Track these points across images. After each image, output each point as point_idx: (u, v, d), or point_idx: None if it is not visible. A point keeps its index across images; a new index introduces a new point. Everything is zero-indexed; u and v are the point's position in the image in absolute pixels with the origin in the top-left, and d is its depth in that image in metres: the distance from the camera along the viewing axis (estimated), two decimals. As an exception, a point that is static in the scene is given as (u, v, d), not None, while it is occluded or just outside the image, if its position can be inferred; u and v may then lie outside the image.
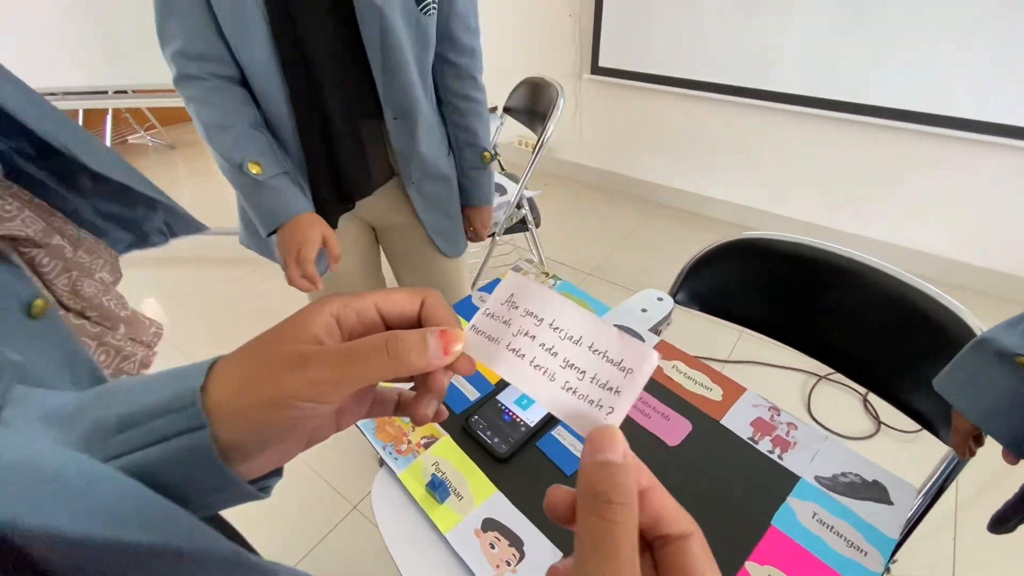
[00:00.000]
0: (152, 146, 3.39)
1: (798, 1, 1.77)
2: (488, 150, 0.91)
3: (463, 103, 0.85)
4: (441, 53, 0.81)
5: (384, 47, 0.71)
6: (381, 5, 0.67)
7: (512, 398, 0.64)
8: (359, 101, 0.76)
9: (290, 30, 0.67)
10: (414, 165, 0.83)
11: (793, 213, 2.19)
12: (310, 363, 0.19)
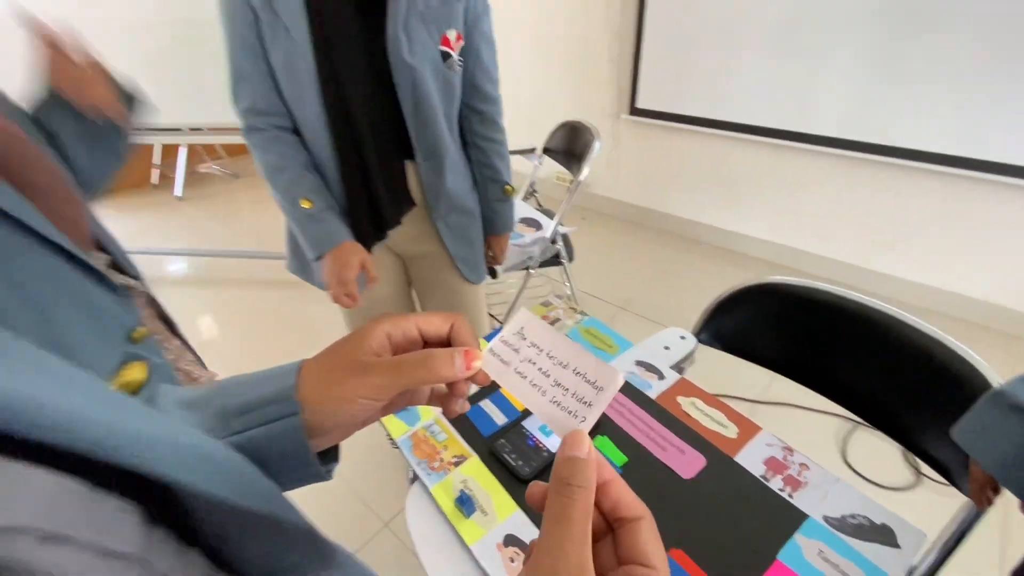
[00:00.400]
0: (219, 175, 3.68)
1: (835, 45, 1.80)
2: (509, 184, 1.01)
3: (486, 144, 0.96)
4: (467, 101, 0.92)
5: (415, 99, 0.82)
6: (413, 64, 0.79)
7: (536, 425, 0.69)
8: (393, 145, 0.87)
9: (335, 88, 0.78)
10: (442, 200, 0.93)
11: (832, 253, 2.16)
12: (371, 371, 0.26)
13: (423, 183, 0.91)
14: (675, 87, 2.23)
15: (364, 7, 0.76)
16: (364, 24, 0.76)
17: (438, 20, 0.80)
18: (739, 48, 2.00)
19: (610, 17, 2.32)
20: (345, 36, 0.76)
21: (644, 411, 0.71)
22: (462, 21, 0.83)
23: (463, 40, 0.84)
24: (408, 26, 0.78)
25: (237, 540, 0.23)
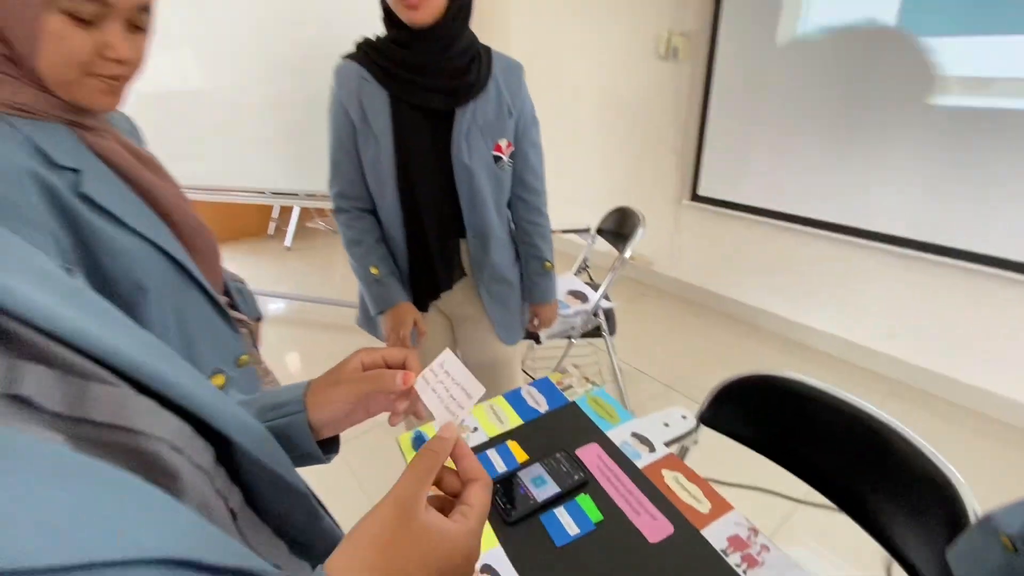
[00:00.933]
0: (322, 230, 4.20)
1: (894, 146, 1.83)
2: (549, 260, 1.18)
3: (530, 226, 1.15)
4: (516, 191, 1.12)
5: (471, 192, 1.01)
6: (470, 166, 0.99)
7: (530, 477, 0.80)
8: (449, 225, 1.06)
9: (408, 183, 0.99)
10: (485, 271, 1.11)
11: (899, 353, 2.07)
12: (344, 383, 0.42)
13: (471, 257, 1.10)
14: (735, 177, 2.33)
15: (435, 123, 0.98)
16: (434, 136, 0.98)
17: (492, 132, 1.01)
18: (797, 145, 2.08)
19: (677, 112, 2.50)
20: (419, 144, 0.98)
21: (628, 477, 0.80)
22: (512, 132, 1.04)
23: (513, 146, 1.05)
24: (468, 137, 0.98)
25: (260, 490, 0.38)
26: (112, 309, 0.34)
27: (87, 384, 0.28)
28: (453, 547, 0.32)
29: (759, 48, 2.08)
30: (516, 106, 1.02)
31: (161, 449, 0.29)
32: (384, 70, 0.95)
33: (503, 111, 1.00)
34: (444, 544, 0.31)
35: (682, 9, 2.31)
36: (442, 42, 0.92)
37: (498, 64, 1.01)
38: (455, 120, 0.97)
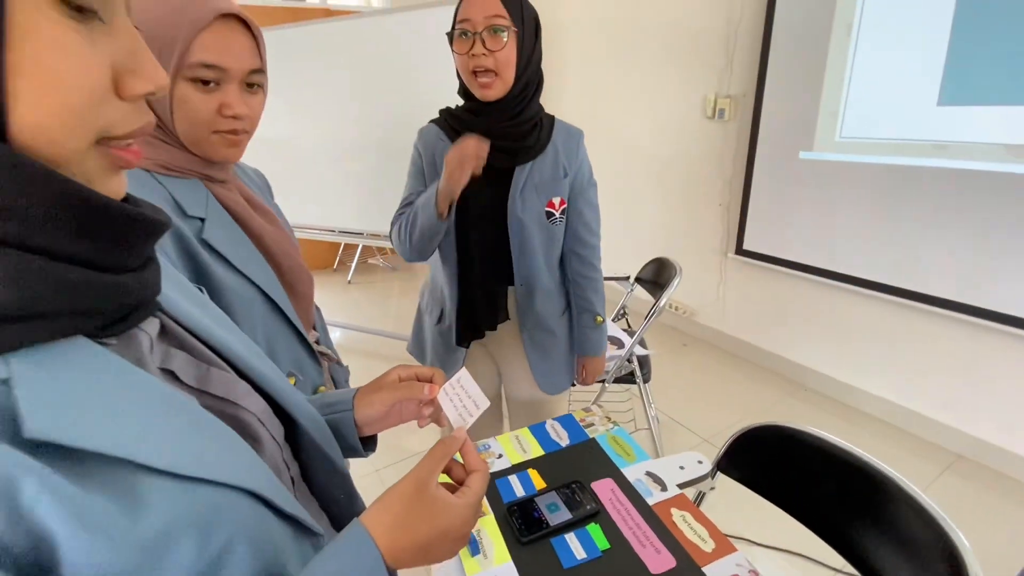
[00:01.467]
0: (381, 267, 4.48)
1: (943, 207, 1.82)
2: (600, 315, 1.22)
3: (583, 280, 1.19)
4: (570, 246, 1.17)
5: (521, 241, 1.09)
6: (523, 219, 1.07)
7: (546, 503, 0.87)
8: (500, 272, 1.13)
9: (465, 229, 1.08)
10: (529, 318, 1.18)
11: (953, 421, 1.96)
12: (381, 390, 0.53)
13: (518, 304, 1.17)
14: (780, 233, 2.35)
15: (495, 179, 1.05)
16: (493, 190, 1.06)
17: (547, 190, 1.08)
18: (843, 204, 2.09)
19: (723, 169, 2.57)
20: (478, 196, 1.04)
21: (637, 512, 0.85)
22: (567, 191, 1.11)
23: (566, 204, 1.12)
24: (524, 193, 1.06)
25: (314, 468, 0.49)
26: (225, 317, 0.47)
27: (209, 368, 0.40)
28: (454, 515, 0.41)
29: (803, 111, 2.14)
30: (572, 168, 1.10)
31: (252, 420, 0.41)
32: (456, 132, 1.05)
33: (559, 172, 1.08)
34: (448, 512, 0.41)
35: (727, 75, 2.43)
36: (508, 113, 1.02)
37: (559, 131, 1.10)
38: (513, 177, 1.05)
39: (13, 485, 0.23)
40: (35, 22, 0.24)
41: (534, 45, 1.01)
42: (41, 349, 0.27)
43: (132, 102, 0.29)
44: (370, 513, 0.40)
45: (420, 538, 0.40)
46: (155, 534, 0.28)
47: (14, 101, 0.24)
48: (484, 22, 0.93)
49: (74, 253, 0.27)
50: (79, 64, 0.26)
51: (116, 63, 0.28)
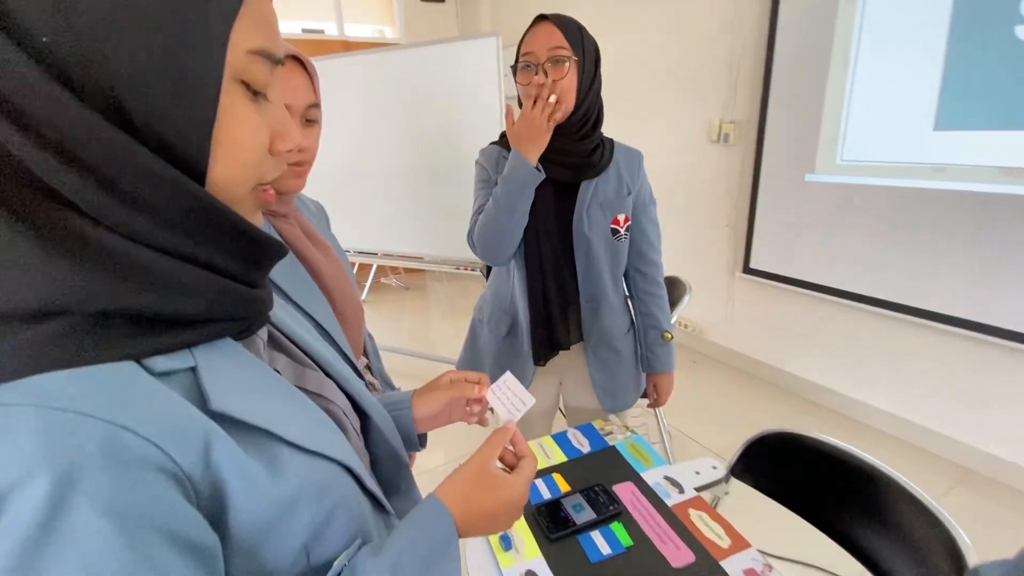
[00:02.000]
0: (393, 286, 4.58)
1: (947, 225, 1.88)
2: (668, 331, 1.23)
3: (648, 297, 1.23)
4: (633, 264, 1.21)
5: (587, 258, 1.12)
6: (589, 236, 1.10)
7: (571, 504, 0.93)
8: (566, 290, 1.15)
9: (535, 244, 1.11)
10: (595, 335, 1.20)
11: (961, 436, 2.00)
12: (437, 390, 0.61)
13: (584, 321, 1.18)
14: (786, 252, 2.42)
15: (561, 195, 1.09)
16: (560, 206, 1.10)
17: (612, 208, 1.11)
18: (847, 223, 2.17)
19: (729, 190, 2.66)
20: (546, 212, 1.09)
21: (657, 512, 0.91)
22: (630, 209, 1.14)
23: (631, 221, 1.15)
24: (589, 210, 1.10)
25: (381, 458, 0.56)
26: (311, 327, 0.55)
27: (304, 368, 0.48)
28: (513, 488, 0.49)
29: (804, 136, 2.24)
30: (635, 186, 1.14)
31: (339, 412, 0.49)
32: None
33: (622, 190, 1.12)
34: (508, 486, 0.49)
35: (731, 101, 2.53)
36: (570, 136, 1.05)
37: (620, 151, 1.14)
38: (579, 194, 1.08)
39: (209, 444, 0.31)
40: (232, 104, 0.32)
41: (594, 74, 1.05)
42: (211, 345, 0.35)
43: (277, 156, 0.37)
44: (443, 488, 0.47)
45: (486, 507, 0.47)
46: (290, 492, 0.35)
47: (213, 162, 0.32)
48: (547, 54, 0.99)
49: (237, 272, 0.35)
50: (253, 132, 0.34)
51: (271, 128, 0.36)
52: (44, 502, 0.23)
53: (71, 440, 0.25)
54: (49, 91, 0.26)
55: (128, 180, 0.28)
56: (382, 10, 4.48)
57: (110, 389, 0.28)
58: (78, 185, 0.27)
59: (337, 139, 2.80)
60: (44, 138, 0.26)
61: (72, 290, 0.28)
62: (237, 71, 0.32)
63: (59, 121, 0.26)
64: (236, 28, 0.31)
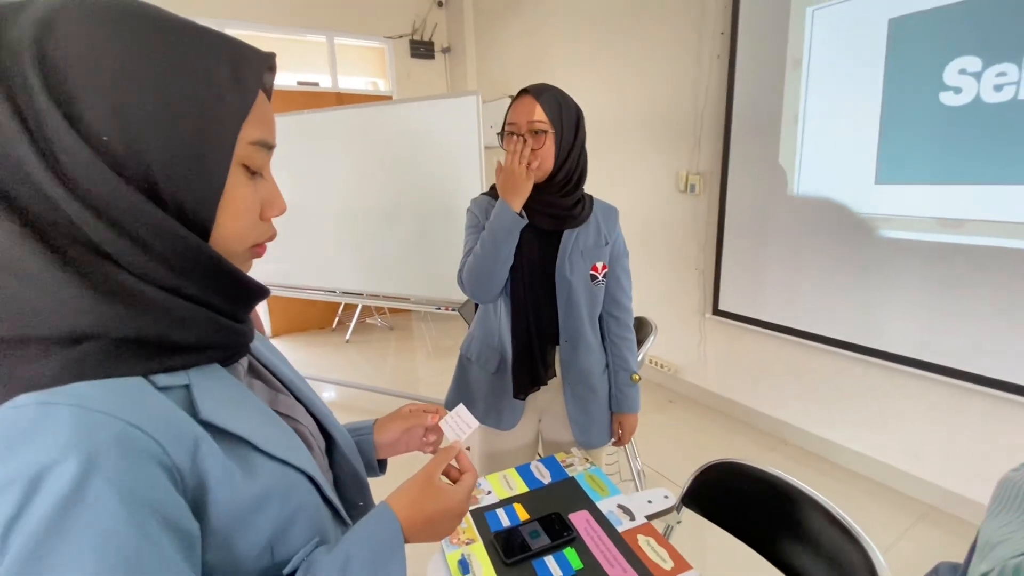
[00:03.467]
0: (378, 326, 4.63)
1: (896, 269, 2.02)
2: (636, 373, 1.32)
3: (619, 341, 1.32)
4: (607, 309, 1.30)
5: (568, 300, 1.21)
6: (571, 280, 1.19)
7: (528, 531, 0.98)
8: (547, 329, 1.23)
9: (518, 286, 1.19)
10: (572, 373, 1.27)
11: (923, 474, 2.07)
12: (396, 420, 0.70)
13: (562, 358, 1.26)
14: (752, 294, 2.54)
15: (545, 242, 1.19)
16: (542, 252, 1.19)
17: (591, 255, 1.22)
18: (807, 267, 2.30)
19: (696, 236, 2.81)
20: (530, 257, 1.19)
21: (608, 538, 0.97)
22: (607, 257, 1.25)
23: (607, 268, 1.26)
24: (571, 257, 1.19)
25: (343, 478, 0.63)
26: (284, 358, 0.63)
27: (276, 393, 0.56)
28: (454, 498, 0.57)
29: (764, 185, 2.40)
30: (611, 238, 1.25)
31: (306, 432, 0.57)
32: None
33: (600, 240, 1.23)
34: (450, 495, 0.57)
35: (696, 153, 2.72)
36: (551, 192, 1.17)
37: (599, 206, 1.26)
38: (561, 241, 1.19)
39: (197, 445, 0.39)
40: (235, 183, 0.43)
41: (574, 139, 1.17)
42: (202, 368, 0.43)
43: (267, 221, 0.47)
44: (391, 496, 0.55)
45: (429, 513, 0.55)
46: (259, 493, 0.43)
47: (216, 228, 0.42)
48: (527, 125, 1.11)
49: (227, 310, 0.44)
50: (249, 206, 0.44)
51: (263, 200, 0.46)
52: (73, 479, 0.31)
53: (95, 433, 0.33)
54: (105, 176, 0.36)
55: (154, 239, 0.38)
56: (374, 65, 4.75)
57: (125, 396, 0.36)
58: (117, 242, 0.37)
59: (327, 184, 2.94)
60: (96, 209, 0.36)
61: (103, 321, 0.37)
62: (241, 157, 0.43)
63: (110, 197, 0.36)
64: (244, 126, 0.42)
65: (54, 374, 0.34)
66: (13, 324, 0.35)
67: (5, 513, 0.30)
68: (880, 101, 1.97)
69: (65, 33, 0.35)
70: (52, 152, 0.35)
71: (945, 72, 1.80)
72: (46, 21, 0.35)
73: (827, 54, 2.12)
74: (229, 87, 0.41)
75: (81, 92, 0.35)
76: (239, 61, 0.42)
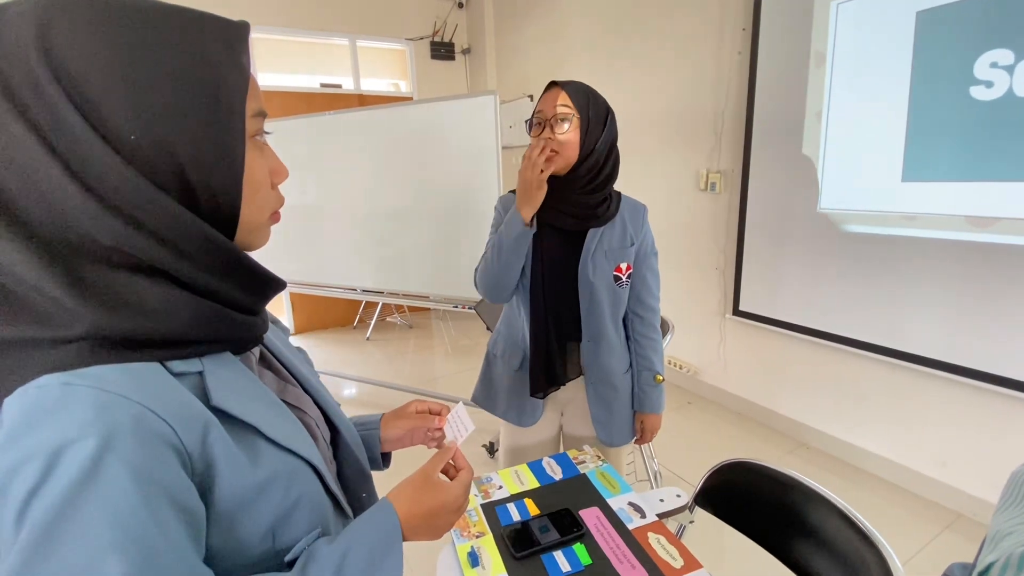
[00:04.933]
0: (398, 324, 4.68)
1: (923, 269, 1.96)
2: (660, 374, 1.30)
3: (644, 340, 1.30)
4: (632, 308, 1.28)
5: (590, 301, 1.20)
6: (593, 281, 1.18)
7: (538, 526, 0.99)
8: (569, 328, 1.23)
9: (541, 286, 1.18)
10: (594, 371, 1.27)
11: (951, 480, 2.01)
12: (402, 417, 0.71)
13: (584, 358, 1.26)
14: (772, 295, 2.50)
15: (569, 242, 1.18)
16: (566, 252, 1.18)
17: (615, 256, 1.20)
18: (829, 267, 2.25)
19: (717, 236, 2.78)
20: (553, 256, 1.18)
21: (618, 535, 0.97)
22: (633, 258, 1.23)
23: (632, 269, 1.24)
24: (595, 258, 1.17)
25: (347, 470, 0.65)
26: (293, 347, 0.65)
27: (286, 384, 0.58)
28: (452, 493, 0.58)
29: (785, 184, 2.36)
30: (638, 238, 1.23)
31: (312, 423, 0.58)
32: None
33: (626, 240, 1.21)
34: (447, 491, 0.58)
35: (717, 152, 2.69)
36: (578, 185, 1.13)
37: (626, 204, 1.24)
38: (585, 241, 1.17)
39: (207, 430, 0.40)
40: (250, 158, 0.44)
41: (601, 131, 1.13)
42: (215, 356, 0.45)
43: (276, 189, 0.49)
44: (392, 492, 0.57)
45: (427, 508, 0.56)
46: (264, 479, 0.45)
47: (243, 205, 0.44)
48: (552, 111, 1.10)
49: (242, 302, 0.46)
50: (263, 173, 0.46)
51: (269, 167, 0.47)
52: (91, 456, 0.33)
53: (113, 414, 0.35)
54: (138, 184, 0.37)
55: (184, 241, 0.40)
56: (396, 67, 4.81)
57: (142, 380, 0.38)
58: (145, 246, 0.38)
59: (349, 185, 2.99)
60: (120, 210, 0.37)
61: (121, 329, 0.38)
62: (249, 131, 0.45)
63: (145, 205, 0.38)
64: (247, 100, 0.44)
65: (77, 357, 0.36)
66: (30, 328, 0.37)
67: (26, 485, 0.32)
68: (908, 97, 1.92)
69: (66, 36, 0.35)
70: (79, 163, 0.36)
71: (976, 66, 1.74)
72: (41, 23, 0.35)
73: (852, 49, 2.07)
74: (228, 65, 0.42)
75: (100, 95, 0.36)
76: (228, 37, 0.42)
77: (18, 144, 0.34)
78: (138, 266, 0.39)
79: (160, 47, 0.38)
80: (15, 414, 0.34)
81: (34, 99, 0.35)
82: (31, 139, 0.35)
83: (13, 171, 0.35)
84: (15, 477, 0.32)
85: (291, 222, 3.18)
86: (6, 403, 0.35)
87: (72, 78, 0.35)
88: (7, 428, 0.34)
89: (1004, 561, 0.40)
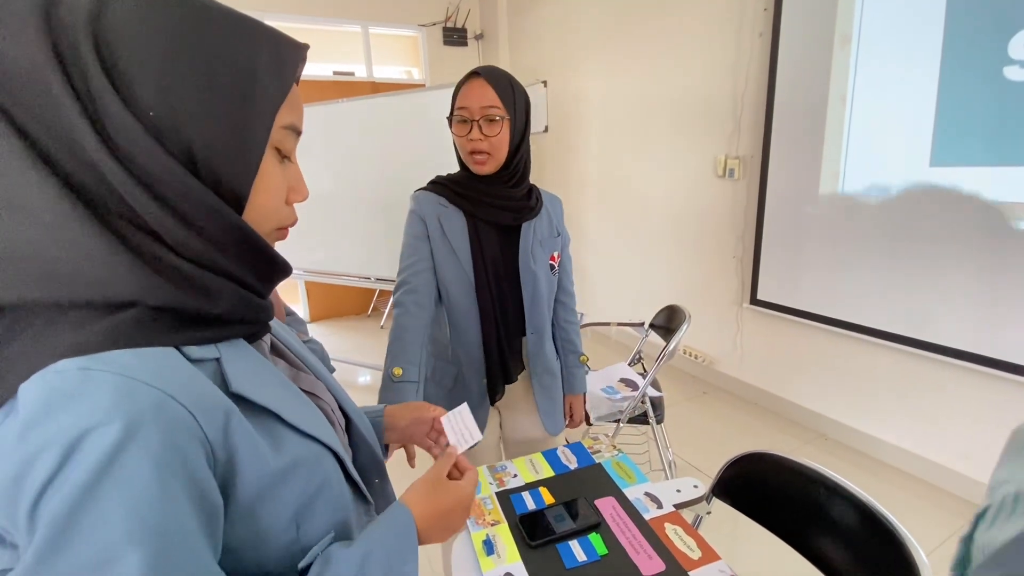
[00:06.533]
0: (412, 313, 4.71)
1: (951, 257, 1.90)
2: (583, 354, 1.36)
3: (567, 325, 1.35)
4: (557, 296, 1.32)
5: (533, 292, 1.22)
6: (535, 271, 1.20)
7: (554, 515, 0.99)
8: (515, 323, 1.22)
9: (485, 285, 1.16)
10: (538, 363, 1.29)
11: (974, 474, 1.96)
12: (406, 411, 0.71)
13: (529, 351, 1.26)
14: (792, 283, 2.45)
15: (504, 237, 1.18)
16: (503, 247, 1.18)
17: (549, 246, 1.23)
18: (852, 255, 2.20)
19: (735, 223, 2.72)
20: (492, 253, 1.17)
21: (634, 524, 0.96)
22: (559, 247, 1.27)
23: (560, 257, 1.27)
24: (533, 249, 1.19)
25: (360, 456, 0.65)
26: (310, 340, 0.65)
27: (298, 371, 0.58)
28: (462, 492, 0.59)
29: (806, 170, 2.30)
30: (560, 227, 1.28)
31: (327, 408, 0.58)
32: (459, 194, 1.15)
33: (553, 230, 1.25)
34: (457, 490, 0.59)
35: (736, 137, 2.63)
36: (503, 182, 1.15)
37: (546, 197, 1.26)
38: (522, 234, 1.18)
39: (228, 418, 0.40)
40: (267, 165, 0.44)
41: (525, 127, 1.13)
42: (230, 343, 0.45)
43: (290, 206, 0.49)
44: (405, 494, 0.58)
45: (440, 508, 0.58)
46: (285, 465, 0.44)
47: (248, 205, 0.43)
48: (480, 111, 1.06)
49: (254, 284, 0.46)
50: (278, 185, 0.46)
51: (289, 184, 0.47)
52: (112, 444, 0.33)
53: (136, 401, 0.34)
54: (153, 150, 0.37)
55: (196, 213, 0.39)
56: (409, 54, 4.77)
57: (163, 366, 0.37)
58: (161, 215, 0.38)
59: (362, 172, 2.99)
60: (145, 183, 0.37)
61: (141, 289, 0.38)
62: (274, 141, 0.45)
63: (158, 171, 0.38)
64: (280, 110, 0.44)
65: (95, 340, 0.36)
66: (54, 288, 0.36)
67: (45, 472, 0.32)
68: (937, 78, 1.85)
69: (119, 12, 0.37)
70: (104, 126, 0.36)
71: (1010, 45, 1.67)
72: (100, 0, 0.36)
73: (879, 29, 1.99)
74: (270, 73, 0.43)
75: (134, 69, 0.37)
76: (279, 50, 0.44)
77: (57, 100, 0.35)
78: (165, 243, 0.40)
79: (205, 38, 0.39)
80: (33, 400, 0.33)
81: (73, 62, 0.35)
82: (67, 98, 0.35)
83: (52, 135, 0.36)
84: (34, 464, 0.32)
85: (305, 211, 3.20)
86: (22, 389, 0.34)
87: (109, 46, 0.36)
88: (25, 415, 0.33)
89: (999, 502, 0.40)
